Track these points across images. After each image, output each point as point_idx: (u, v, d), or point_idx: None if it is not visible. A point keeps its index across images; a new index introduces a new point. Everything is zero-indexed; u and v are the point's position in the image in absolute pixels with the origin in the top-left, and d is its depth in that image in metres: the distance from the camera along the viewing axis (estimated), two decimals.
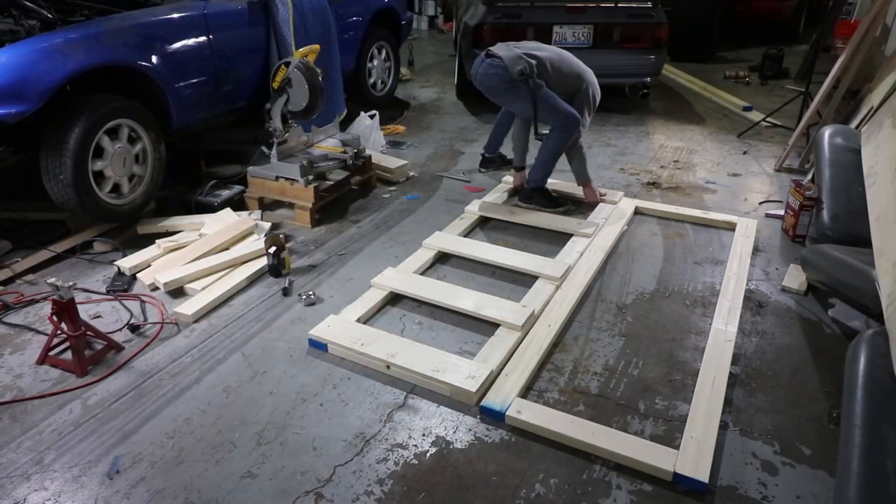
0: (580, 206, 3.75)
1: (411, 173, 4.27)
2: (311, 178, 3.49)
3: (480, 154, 4.35)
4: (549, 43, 4.72)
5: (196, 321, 2.60)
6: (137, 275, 2.92)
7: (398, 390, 2.22)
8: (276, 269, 2.89)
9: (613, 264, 3.11)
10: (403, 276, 2.85)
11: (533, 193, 3.67)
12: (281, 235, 2.95)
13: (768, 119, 5.26)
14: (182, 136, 3.61)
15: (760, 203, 3.83)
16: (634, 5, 5.38)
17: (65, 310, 2.23)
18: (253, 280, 2.91)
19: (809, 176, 3.81)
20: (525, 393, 2.20)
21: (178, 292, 2.80)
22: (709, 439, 1.94)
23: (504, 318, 2.51)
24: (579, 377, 2.31)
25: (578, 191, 3.87)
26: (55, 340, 2.34)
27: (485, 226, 3.53)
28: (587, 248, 3.16)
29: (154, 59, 3.19)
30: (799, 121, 4.63)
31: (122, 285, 2.82)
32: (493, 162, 4.32)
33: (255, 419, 2.07)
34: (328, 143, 3.96)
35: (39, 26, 2.97)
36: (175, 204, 3.53)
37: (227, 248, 3.08)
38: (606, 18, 5.31)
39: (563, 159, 3.65)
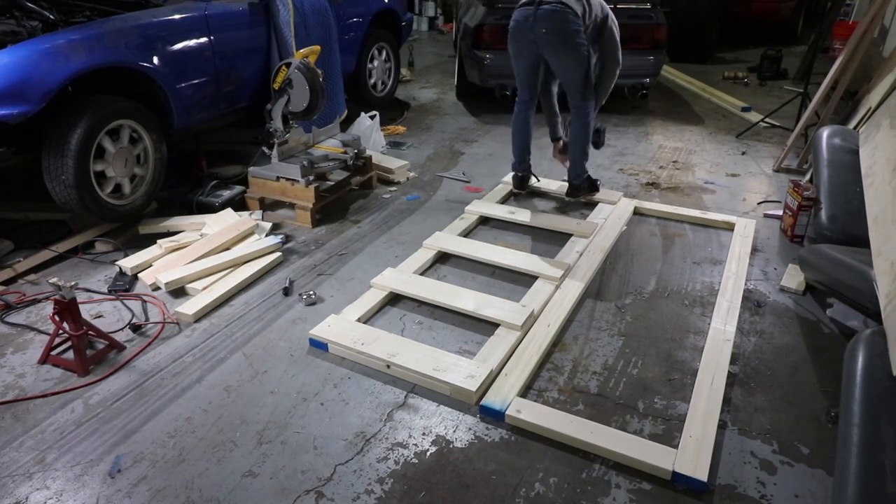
0: (581, 207, 3.77)
1: (411, 174, 4.28)
2: (311, 178, 3.51)
3: (514, 175, 3.88)
4: None
5: (197, 321, 2.61)
6: (139, 275, 2.93)
7: (398, 390, 2.23)
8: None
9: (613, 264, 3.12)
10: (403, 276, 2.86)
11: (579, 186, 3.74)
12: None
13: (767, 120, 5.27)
14: (183, 136, 3.62)
15: (759, 203, 3.84)
16: (633, 6, 5.39)
17: (66, 309, 2.24)
18: (254, 280, 2.92)
19: (808, 176, 3.82)
20: (525, 392, 2.21)
21: (179, 292, 2.81)
22: (707, 438, 1.95)
23: (504, 318, 2.52)
24: (579, 376, 2.32)
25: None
26: (57, 340, 2.35)
27: (485, 226, 3.55)
28: (586, 248, 3.17)
29: (155, 59, 3.20)
30: (797, 121, 4.64)
31: (124, 285, 2.83)
32: (528, 179, 3.89)
33: (256, 418, 2.08)
34: (329, 144, 3.98)
35: (41, 27, 2.98)
36: (176, 204, 3.54)
37: (228, 248, 3.09)
38: None
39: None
